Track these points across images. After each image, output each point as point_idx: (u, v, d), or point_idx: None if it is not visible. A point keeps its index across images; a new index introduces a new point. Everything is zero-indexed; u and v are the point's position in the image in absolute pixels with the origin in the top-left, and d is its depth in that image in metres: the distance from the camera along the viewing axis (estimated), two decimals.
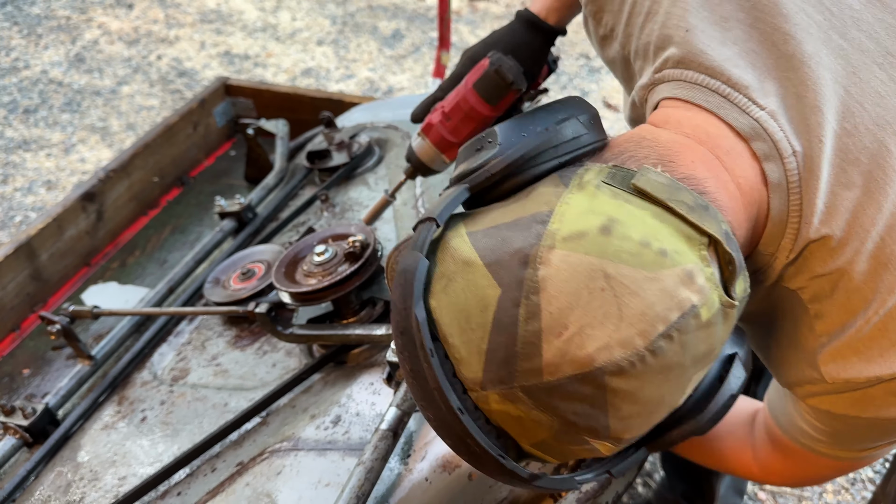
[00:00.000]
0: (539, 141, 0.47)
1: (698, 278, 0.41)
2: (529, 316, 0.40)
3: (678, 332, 0.41)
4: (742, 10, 0.52)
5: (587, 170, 0.46)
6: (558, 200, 0.44)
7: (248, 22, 3.45)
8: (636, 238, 0.41)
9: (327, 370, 0.86)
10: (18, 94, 3.04)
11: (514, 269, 0.41)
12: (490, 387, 0.42)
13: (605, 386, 0.40)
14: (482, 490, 0.73)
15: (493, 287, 0.42)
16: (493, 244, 0.43)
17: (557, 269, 0.41)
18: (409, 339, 0.44)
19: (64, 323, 0.98)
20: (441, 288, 0.44)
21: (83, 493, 0.83)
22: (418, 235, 0.46)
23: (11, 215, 2.45)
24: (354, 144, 1.23)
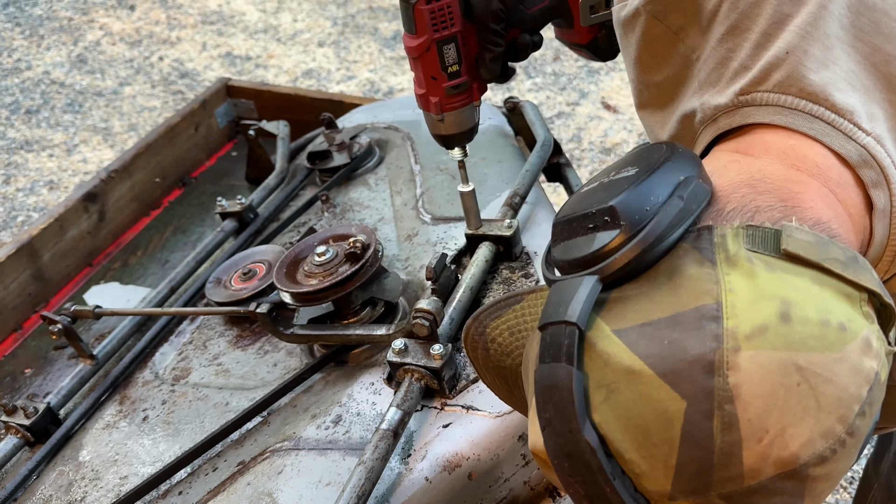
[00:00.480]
0: (671, 216, 0.42)
1: (873, 342, 0.40)
2: (726, 427, 0.38)
3: (869, 405, 0.40)
4: (843, 28, 0.49)
5: (723, 236, 0.42)
6: (719, 287, 0.40)
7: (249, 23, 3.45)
8: (815, 318, 0.39)
9: (328, 370, 0.86)
10: (21, 94, 3.05)
11: (698, 380, 0.38)
12: (680, 497, 0.40)
13: (808, 476, 0.39)
14: (482, 490, 0.73)
15: (675, 400, 0.38)
16: (659, 350, 0.39)
17: (748, 373, 0.38)
18: (580, 464, 0.40)
19: (65, 323, 0.99)
20: (602, 400, 0.40)
21: (85, 493, 0.84)
22: (556, 341, 0.41)
23: (14, 215, 2.45)
24: (355, 145, 1.24)
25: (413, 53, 0.71)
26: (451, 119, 0.76)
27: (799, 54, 0.48)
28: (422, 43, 0.70)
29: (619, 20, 0.61)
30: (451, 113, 0.75)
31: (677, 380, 0.39)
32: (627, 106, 2.74)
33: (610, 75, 2.90)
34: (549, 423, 0.41)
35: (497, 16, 0.70)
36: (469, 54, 0.73)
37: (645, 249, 0.42)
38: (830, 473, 0.40)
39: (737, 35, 0.52)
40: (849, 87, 0.49)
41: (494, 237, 0.88)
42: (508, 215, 0.92)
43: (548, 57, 3.00)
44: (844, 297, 0.40)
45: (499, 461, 0.72)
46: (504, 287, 0.87)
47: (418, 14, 0.68)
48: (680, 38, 0.57)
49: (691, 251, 0.42)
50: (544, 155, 1.08)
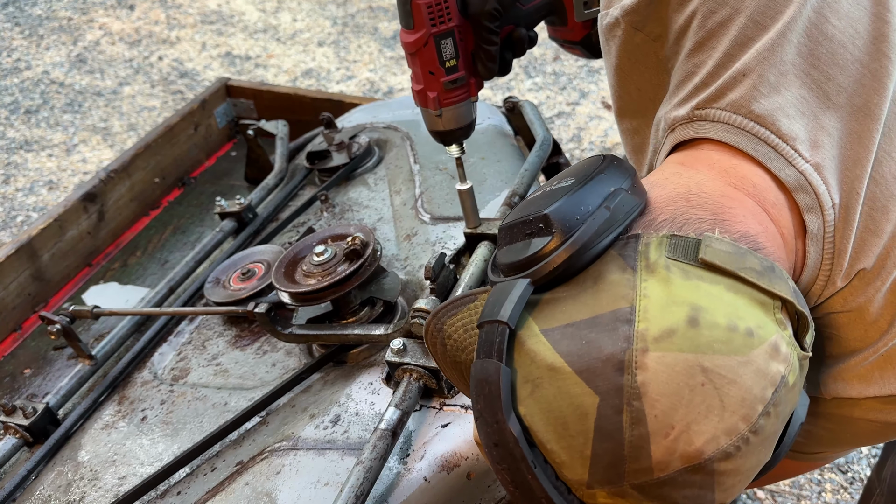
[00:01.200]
0: (598, 224, 0.45)
1: (782, 347, 0.43)
2: (634, 422, 0.41)
3: (774, 406, 0.42)
4: (800, 56, 0.51)
5: (647, 244, 0.45)
6: (635, 293, 0.43)
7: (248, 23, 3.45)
8: (723, 323, 0.41)
9: (327, 370, 0.86)
10: (20, 94, 3.05)
11: (609, 377, 0.41)
12: (597, 486, 0.43)
13: (714, 471, 0.42)
14: (480, 489, 0.73)
15: (589, 395, 0.42)
16: (577, 348, 0.43)
17: (655, 373, 0.41)
18: (506, 452, 0.43)
19: (64, 323, 0.98)
20: (528, 394, 0.44)
21: (83, 493, 0.84)
22: (490, 339, 0.45)
23: (13, 215, 2.45)
24: (354, 145, 1.24)
25: (410, 49, 0.71)
26: (450, 114, 0.76)
27: (754, 77, 0.51)
28: (419, 38, 0.70)
29: (602, 27, 0.64)
30: (450, 108, 0.75)
31: (591, 377, 0.42)
32: None
33: None
34: (480, 415, 0.45)
35: (492, 15, 0.71)
36: (466, 49, 0.73)
37: (574, 254, 0.45)
38: (738, 469, 0.42)
39: (702, 52, 0.54)
40: (798, 114, 0.51)
41: (493, 236, 0.88)
42: (507, 215, 0.92)
43: (548, 57, 3.00)
44: (758, 304, 0.43)
45: None
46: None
47: (416, 8, 0.69)
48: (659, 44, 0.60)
49: (616, 258, 0.45)
50: (543, 154, 1.08)
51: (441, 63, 0.72)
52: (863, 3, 0.52)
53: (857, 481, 1.47)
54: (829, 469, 1.50)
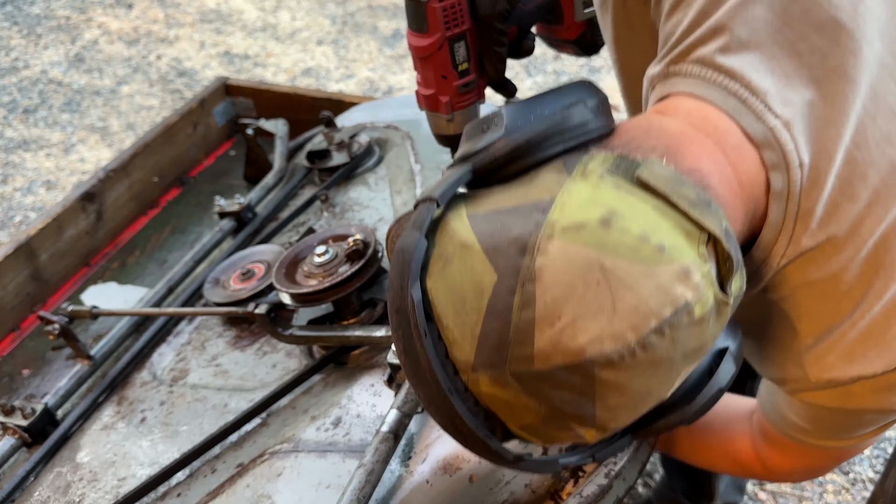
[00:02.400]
0: (546, 125, 0.46)
1: (694, 275, 0.42)
2: (524, 304, 0.41)
3: (670, 328, 0.41)
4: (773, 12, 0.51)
5: (591, 157, 0.45)
6: (560, 188, 0.43)
7: (247, 22, 3.44)
8: (635, 232, 0.41)
9: (328, 371, 0.86)
10: (18, 93, 3.04)
11: (511, 257, 0.42)
12: (481, 370, 0.43)
13: (594, 377, 0.41)
14: (483, 492, 0.73)
15: (489, 273, 0.42)
16: (492, 229, 0.43)
17: (554, 260, 0.41)
18: (403, 319, 0.44)
19: (63, 323, 0.98)
20: (438, 269, 0.45)
21: (82, 494, 0.83)
22: (418, 214, 0.46)
23: (11, 215, 2.45)
24: (354, 144, 1.23)
25: (423, 53, 0.70)
26: (461, 118, 0.75)
27: (725, 33, 0.51)
28: (434, 41, 0.69)
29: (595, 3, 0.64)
30: (461, 112, 0.75)
31: (496, 255, 0.42)
32: None
33: (611, 74, 2.90)
34: (391, 283, 0.46)
35: (502, 16, 0.70)
36: (475, 52, 0.73)
37: (515, 148, 0.46)
38: (623, 385, 0.42)
39: (679, 10, 0.54)
40: (768, 70, 0.50)
41: None
42: None
43: (548, 56, 3.00)
44: (682, 231, 0.42)
45: None
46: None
47: (431, 12, 0.68)
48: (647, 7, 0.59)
49: (558, 164, 0.46)
50: None
51: (454, 66, 0.71)
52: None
53: (859, 482, 1.47)
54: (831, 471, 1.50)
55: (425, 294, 0.44)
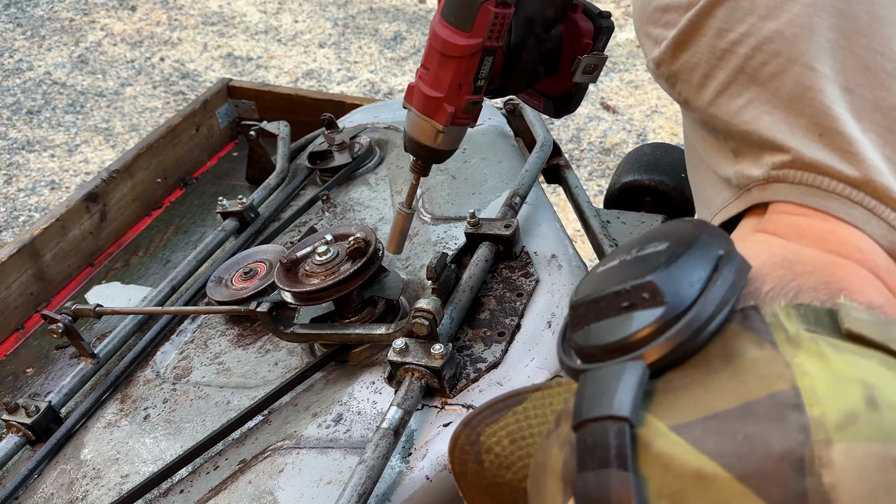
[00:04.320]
0: (721, 294, 0.36)
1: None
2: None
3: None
4: (878, 110, 0.46)
5: (775, 315, 0.37)
6: (791, 371, 0.34)
7: (250, 24, 3.46)
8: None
9: (329, 369, 0.87)
10: (22, 95, 3.05)
11: (788, 481, 0.32)
12: None
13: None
14: None
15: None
16: (733, 447, 0.33)
17: (844, 471, 0.32)
18: None
19: (66, 321, 0.99)
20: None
21: (86, 491, 0.84)
22: (600, 441, 0.34)
23: (15, 215, 2.46)
24: (355, 145, 1.24)
25: (454, 52, 0.63)
26: (452, 135, 0.69)
27: (833, 134, 0.45)
28: (472, 45, 0.62)
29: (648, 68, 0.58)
30: (455, 129, 0.69)
31: (762, 482, 0.32)
32: (626, 107, 2.75)
33: (609, 76, 2.91)
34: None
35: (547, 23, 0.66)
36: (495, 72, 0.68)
37: (696, 331, 0.36)
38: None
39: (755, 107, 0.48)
40: (890, 173, 0.45)
41: (494, 237, 0.89)
42: (508, 215, 0.92)
43: None
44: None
45: None
46: (504, 286, 0.87)
47: (483, 13, 0.61)
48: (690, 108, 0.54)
49: (744, 332, 0.36)
50: (544, 155, 1.08)
51: (475, 79, 0.65)
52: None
53: None
54: None
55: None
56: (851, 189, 0.44)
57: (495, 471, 0.43)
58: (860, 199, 0.44)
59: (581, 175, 2.48)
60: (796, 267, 0.40)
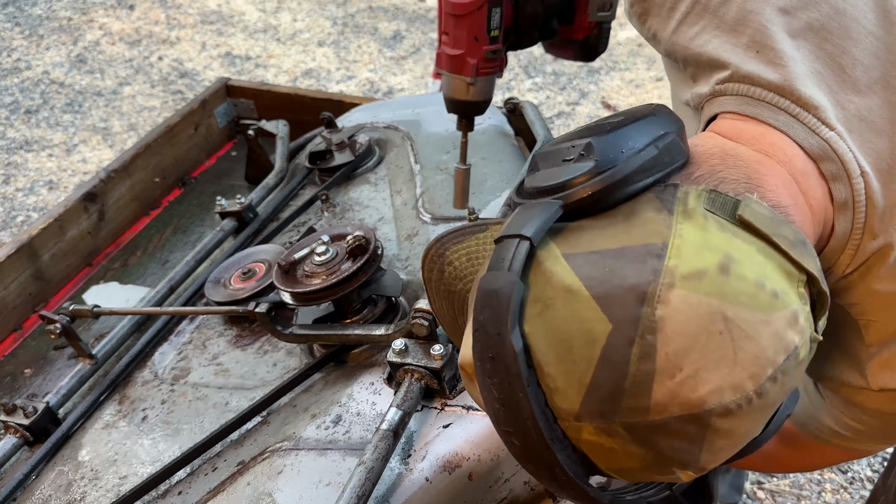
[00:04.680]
0: (642, 161, 0.44)
1: (800, 318, 0.42)
2: (643, 356, 0.39)
3: (782, 373, 0.41)
4: (811, 29, 0.51)
5: (686, 193, 0.44)
6: (670, 231, 0.42)
7: (249, 23, 3.45)
8: (752, 278, 0.41)
9: (328, 370, 0.86)
10: (20, 94, 3.04)
11: (628, 306, 0.40)
12: (586, 419, 0.41)
13: (710, 426, 0.41)
14: (482, 490, 0.73)
15: (602, 322, 0.40)
16: (599, 274, 0.41)
17: (677, 310, 0.39)
18: (501, 366, 0.42)
19: (64, 322, 0.98)
20: (536, 313, 0.42)
21: (84, 492, 0.83)
22: (508, 252, 0.43)
23: (13, 215, 2.45)
24: (355, 144, 1.24)
25: (461, 10, 0.70)
26: (481, 85, 0.76)
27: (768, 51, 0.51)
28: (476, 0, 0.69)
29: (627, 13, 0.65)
30: (483, 78, 0.75)
31: (609, 303, 0.40)
32: (627, 105, 2.75)
33: (610, 75, 2.90)
34: (481, 326, 0.43)
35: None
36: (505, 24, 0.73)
37: (610, 185, 0.44)
38: (732, 430, 0.42)
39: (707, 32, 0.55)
40: (814, 84, 0.51)
41: None
42: (508, 215, 0.92)
43: (548, 57, 3.01)
44: (785, 273, 0.42)
45: (499, 461, 0.72)
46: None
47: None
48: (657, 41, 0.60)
49: (654, 200, 0.44)
50: None
51: (488, 30, 0.72)
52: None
53: (857, 481, 1.47)
54: (828, 469, 1.50)
55: (524, 340, 0.42)
56: (779, 97, 0.51)
57: (451, 280, 0.51)
58: (786, 105, 0.50)
59: None
60: (729, 160, 0.47)
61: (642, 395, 0.40)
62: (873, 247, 0.52)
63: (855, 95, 0.51)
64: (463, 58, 0.73)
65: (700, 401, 0.40)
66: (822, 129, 0.50)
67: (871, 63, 0.51)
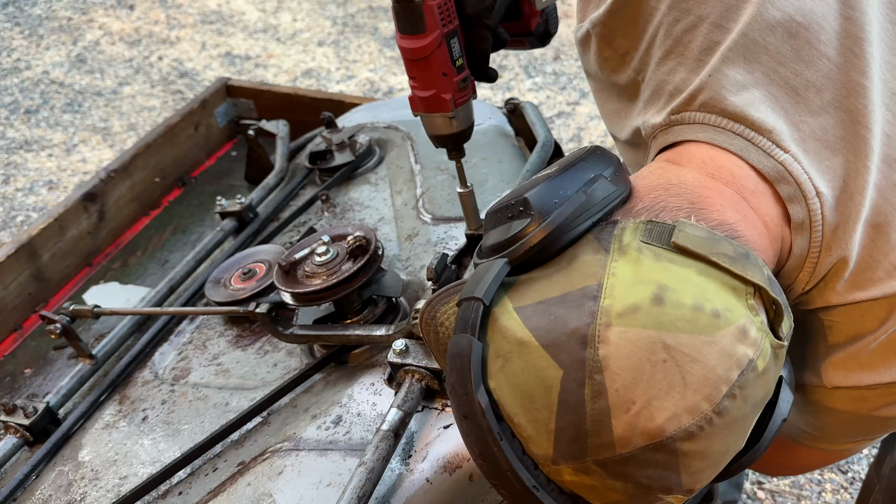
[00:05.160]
0: (574, 206, 0.46)
1: (751, 331, 0.42)
2: (595, 395, 0.41)
3: (740, 388, 0.42)
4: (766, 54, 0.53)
5: (623, 229, 0.46)
6: (604, 271, 0.44)
7: (248, 23, 3.45)
8: (688, 303, 0.42)
9: (328, 370, 0.86)
10: (20, 94, 3.04)
11: (573, 350, 0.42)
12: (562, 461, 0.43)
13: (677, 450, 0.41)
14: (483, 491, 0.73)
15: (553, 368, 0.42)
16: (545, 323, 0.43)
17: (617, 347, 0.41)
18: (474, 424, 0.44)
19: (64, 322, 0.98)
20: (498, 368, 0.44)
21: (84, 493, 0.83)
22: (466, 315, 0.46)
23: (13, 215, 2.45)
24: (355, 144, 1.24)
25: (421, 54, 0.71)
26: (462, 114, 0.76)
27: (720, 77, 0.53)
28: (433, 40, 0.70)
29: (576, 40, 0.67)
30: (462, 108, 0.76)
31: (556, 350, 0.42)
32: None
33: None
34: (452, 388, 0.46)
35: (489, 11, 0.72)
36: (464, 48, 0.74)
37: (549, 235, 0.46)
38: (704, 451, 0.42)
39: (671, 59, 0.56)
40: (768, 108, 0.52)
41: None
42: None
43: (548, 57, 3.01)
44: (730, 289, 0.43)
45: None
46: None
47: (428, 10, 0.68)
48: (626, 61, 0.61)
49: (592, 241, 0.46)
50: (545, 155, 1.08)
51: (453, 63, 0.72)
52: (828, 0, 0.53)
53: (857, 481, 1.47)
54: (829, 469, 1.51)
55: (490, 395, 0.44)
56: (733, 123, 0.52)
57: (445, 340, 0.53)
58: (740, 130, 0.52)
59: None
60: (673, 189, 0.49)
61: (604, 432, 0.41)
62: (828, 263, 0.53)
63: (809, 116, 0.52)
64: (437, 96, 0.74)
65: (659, 429, 0.41)
66: (777, 152, 0.50)
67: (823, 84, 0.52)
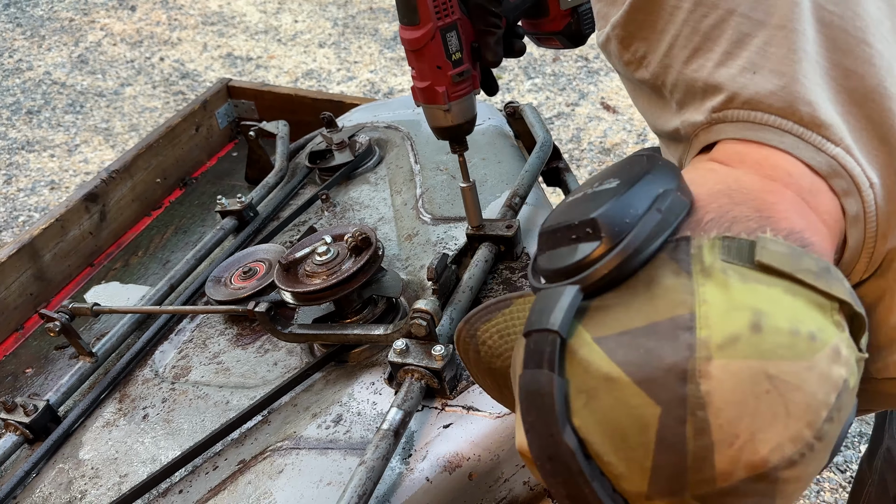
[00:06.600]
0: (649, 229, 0.44)
1: (843, 350, 0.42)
2: (698, 432, 0.40)
3: (837, 411, 0.41)
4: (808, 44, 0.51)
5: (700, 247, 0.44)
6: (694, 298, 0.42)
7: (250, 24, 3.46)
8: (785, 328, 0.41)
9: (328, 369, 0.86)
10: (22, 95, 3.05)
11: (672, 387, 0.40)
12: (657, 497, 0.42)
13: (778, 479, 0.41)
14: (482, 490, 0.73)
15: (650, 406, 0.41)
16: (636, 358, 0.41)
17: (720, 381, 0.40)
18: (561, 466, 0.42)
19: (63, 320, 0.98)
20: (582, 405, 0.42)
21: (84, 491, 0.84)
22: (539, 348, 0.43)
23: (15, 215, 2.46)
24: (355, 144, 1.24)
25: (416, 45, 0.72)
26: (458, 108, 0.77)
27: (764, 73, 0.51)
28: (426, 32, 0.71)
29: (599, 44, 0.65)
30: (457, 102, 0.76)
31: (653, 387, 0.41)
32: (627, 106, 2.75)
33: (609, 76, 2.90)
34: (532, 427, 0.43)
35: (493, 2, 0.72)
36: (467, 42, 0.74)
37: (624, 260, 0.43)
38: (801, 476, 0.42)
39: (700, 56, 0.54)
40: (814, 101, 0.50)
41: (495, 237, 0.89)
42: (508, 216, 0.92)
43: (547, 58, 3.01)
44: (816, 306, 0.42)
45: (499, 461, 0.72)
46: (504, 287, 0.87)
47: (422, 4, 0.70)
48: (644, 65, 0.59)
49: (669, 262, 0.44)
50: (544, 156, 1.08)
51: (448, 56, 0.73)
52: None
53: None
54: (828, 468, 1.51)
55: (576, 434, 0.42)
56: (782, 120, 0.50)
57: (489, 359, 0.52)
58: (789, 127, 0.50)
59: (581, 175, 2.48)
60: (735, 195, 0.47)
61: (706, 468, 0.40)
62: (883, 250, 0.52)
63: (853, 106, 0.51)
64: (431, 88, 0.74)
65: (763, 461, 0.40)
66: (829, 147, 0.49)
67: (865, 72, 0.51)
